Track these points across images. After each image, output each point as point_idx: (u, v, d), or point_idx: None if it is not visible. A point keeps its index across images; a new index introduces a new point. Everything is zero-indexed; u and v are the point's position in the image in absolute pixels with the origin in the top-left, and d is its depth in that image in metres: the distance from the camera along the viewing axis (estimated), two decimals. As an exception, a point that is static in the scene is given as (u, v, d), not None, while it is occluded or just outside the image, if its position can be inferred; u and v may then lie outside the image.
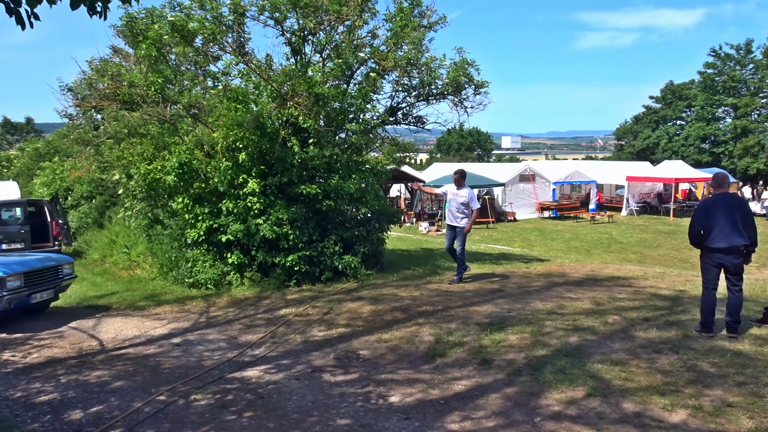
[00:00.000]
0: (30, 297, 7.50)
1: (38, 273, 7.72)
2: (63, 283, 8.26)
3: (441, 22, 10.70)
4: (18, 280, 7.29)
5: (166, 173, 9.11)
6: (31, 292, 7.49)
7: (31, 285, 7.50)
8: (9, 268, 7.25)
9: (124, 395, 4.98)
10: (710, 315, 5.98)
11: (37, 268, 7.73)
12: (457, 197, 9.05)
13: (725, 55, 49.85)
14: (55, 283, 8.05)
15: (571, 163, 40.40)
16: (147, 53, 9.39)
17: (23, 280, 7.37)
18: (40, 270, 7.78)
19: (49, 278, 7.91)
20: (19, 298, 7.28)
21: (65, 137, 19.01)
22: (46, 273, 7.88)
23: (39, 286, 7.65)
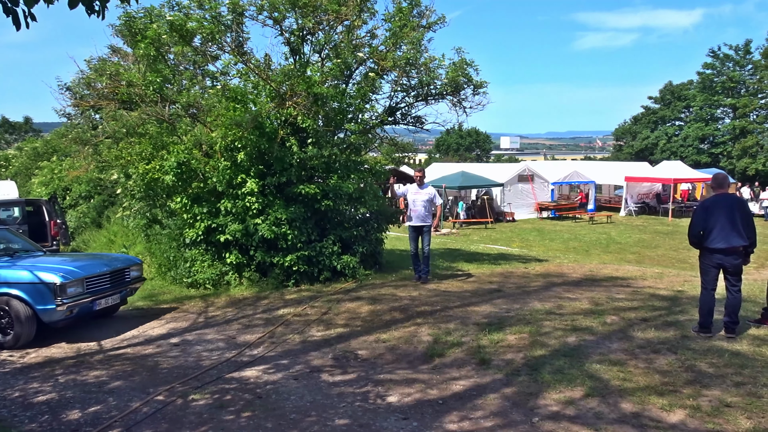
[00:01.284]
0: (93, 303, 6.96)
1: (102, 277, 7.17)
2: (130, 287, 7.84)
3: (440, 22, 10.69)
4: (79, 286, 6.74)
5: (165, 173, 9.09)
6: (95, 298, 6.96)
7: (94, 290, 6.97)
8: (69, 273, 6.72)
9: (122, 395, 4.97)
10: (709, 315, 5.99)
11: (100, 272, 7.16)
12: (421, 196, 9.12)
13: (724, 56, 49.92)
14: (122, 287, 7.57)
15: (570, 164, 40.41)
16: (145, 52, 9.38)
17: (85, 285, 6.83)
18: (104, 274, 7.22)
19: (114, 282, 7.40)
20: (81, 305, 6.73)
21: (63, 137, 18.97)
22: (112, 277, 7.35)
23: (103, 291, 7.12)
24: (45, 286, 6.47)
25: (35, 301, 6.48)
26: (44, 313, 6.53)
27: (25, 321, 6.52)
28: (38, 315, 6.53)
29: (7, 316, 6.57)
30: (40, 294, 6.48)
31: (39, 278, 6.52)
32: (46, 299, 6.47)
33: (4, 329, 6.60)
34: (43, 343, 6.79)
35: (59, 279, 6.51)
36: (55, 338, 6.96)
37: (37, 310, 6.50)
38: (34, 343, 6.75)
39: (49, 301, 6.46)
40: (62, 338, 6.97)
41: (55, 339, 6.93)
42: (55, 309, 6.47)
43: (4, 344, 6.55)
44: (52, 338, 6.94)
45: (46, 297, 6.47)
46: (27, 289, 6.52)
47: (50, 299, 6.46)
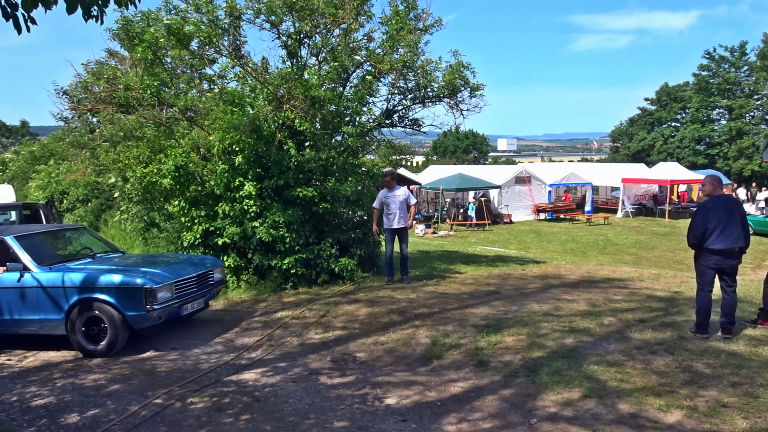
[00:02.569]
0: (181, 309, 6.68)
1: (189, 281, 6.87)
2: (213, 290, 7.55)
3: (436, 25, 10.74)
4: (169, 290, 6.44)
5: (162, 176, 9.11)
6: (182, 303, 6.66)
7: (181, 295, 6.66)
8: (159, 277, 6.41)
9: (120, 399, 4.97)
10: (705, 316, 6.01)
11: (188, 276, 6.85)
12: (396, 198, 9.20)
13: (719, 58, 50.19)
14: (206, 290, 7.25)
15: (567, 165, 40.51)
16: (143, 56, 9.39)
17: (174, 290, 6.54)
18: (192, 278, 6.92)
19: (200, 286, 7.10)
20: (169, 311, 6.44)
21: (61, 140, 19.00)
22: (198, 280, 7.05)
23: (190, 295, 6.81)
24: (135, 290, 6.16)
25: (125, 306, 6.18)
26: (134, 320, 6.23)
27: (118, 328, 6.24)
28: (128, 321, 6.24)
29: (97, 322, 6.30)
30: (131, 299, 6.17)
31: (129, 283, 6.21)
32: (137, 305, 6.16)
33: (95, 336, 6.32)
34: (41, 347, 6.78)
35: (150, 283, 6.20)
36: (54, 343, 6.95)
37: (127, 316, 6.20)
38: (31, 346, 6.75)
39: (140, 306, 6.15)
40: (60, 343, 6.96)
41: (53, 344, 6.92)
42: (145, 315, 6.18)
43: (97, 352, 6.28)
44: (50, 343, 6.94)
45: (136, 302, 6.16)
46: (117, 294, 6.21)
47: (141, 305, 6.15)
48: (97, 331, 6.30)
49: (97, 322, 6.29)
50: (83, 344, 6.32)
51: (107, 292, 6.21)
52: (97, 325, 6.30)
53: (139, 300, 6.15)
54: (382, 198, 9.24)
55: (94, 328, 6.30)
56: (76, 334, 6.31)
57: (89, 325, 6.32)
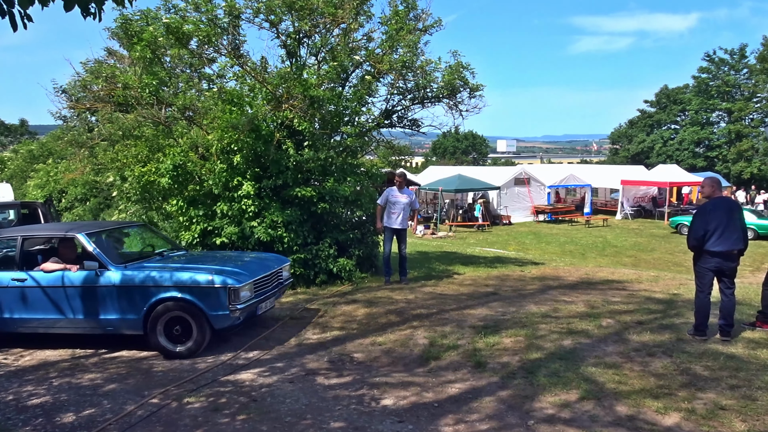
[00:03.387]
0: (257, 308, 6.47)
1: (265, 279, 6.68)
2: (281, 290, 7.29)
3: (436, 26, 10.73)
4: (249, 290, 6.26)
5: (161, 175, 9.08)
6: (259, 302, 6.45)
7: (258, 294, 6.47)
8: (240, 276, 6.21)
9: (116, 398, 4.96)
10: (704, 318, 6.00)
11: (264, 274, 6.66)
12: (403, 198, 9.23)
13: (719, 60, 50.22)
14: (277, 290, 7.02)
15: (567, 167, 40.49)
16: (141, 55, 9.36)
17: (253, 289, 6.37)
18: (267, 276, 6.74)
19: (273, 284, 6.92)
20: (249, 311, 6.24)
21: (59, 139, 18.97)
22: (271, 278, 6.88)
23: (264, 294, 6.61)
24: (219, 290, 5.97)
25: (208, 306, 5.98)
26: (216, 319, 6.03)
27: (202, 328, 6.06)
28: (210, 321, 6.06)
29: (181, 323, 6.11)
30: (214, 299, 5.98)
31: (213, 282, 6.01)
32: (220, 304, 5.97)
33: (179, 337, 6.13)
34: (38, 346, 6.75)
35: (234, 282, 6.02)
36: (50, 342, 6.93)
37: (209, 316, 6.00)
38: (27, 345, 6.73)
39: (223, 306, 5.97)
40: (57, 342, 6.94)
41: (49, 343, 6.89)
42: (228, 314, 5.98)
43: (180, 353, 6.09)
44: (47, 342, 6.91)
45: (220, 302, 5.97)
46: (200, 294, 6.00)
47: (224, 304, 5.97)
48: (180, 331, 6.12)
49: (179, 322, 6.11)
50: (165, 345, 6.12)
51: (190, 292, 6.01)
52: (180, 326, 6.11)
53: (222, 299, 5.97)
54: (388, 196, 9.22)
55: (177, 328, 6.11)
56: (157, 335, 6.11)
57: (171, 325, 6.13)
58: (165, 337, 6.13)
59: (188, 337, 6.11)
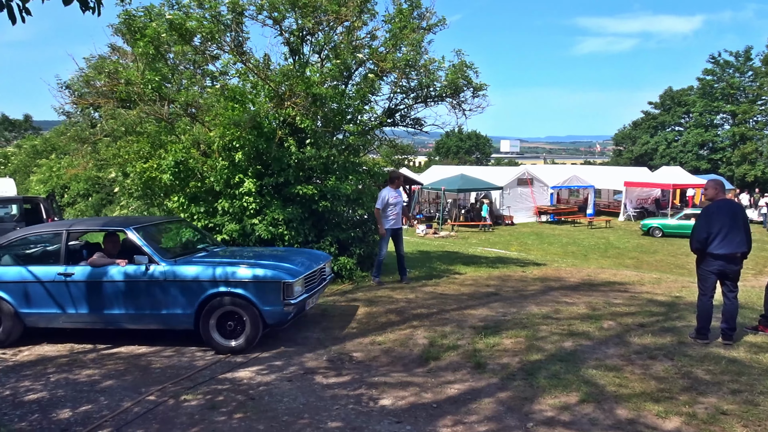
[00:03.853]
0: (306, 304, 6.37)
1: (313, 275, 6.63)
2: (324, 286, 7.18)
3: (440, 24, 10.67)
4: (301, 285, 6.19)
5: (162, 172, 9.06)
6: (308, 298, 6.36)
7: (308, 289, 6.42)
8: (293, 271, 6.17)
9: (113, 395, 4.93)
10: (706, 322, 5.95)
11: (313, 270, 6.61)
12: (399, 199, 9.25)
13: (724, 62, 50.02)
14: (322, 286, 6.95)
15: (570, 168, 40.42)
16: (144, 51, 9.34)
17: (303, 284, 6.30)
18: (315, 272, 6.70)
19: (318, 280, 6.84)
20: (299, 306, 6.16)
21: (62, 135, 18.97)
22: (317, 275, 6.83)
23: (312, 290, 6.53)
24: (274, 284, 5.92)
25: (262, 301, 5.93)
26: (270, 315, 5.99)
27: (256, 323, 6.00)
28: (263, 316, 6.01)
29: (233, 318, 6.06)
30: (268, 294, 5.93)
31: (267, 277, 5.96)
32: (274, 299, 5.93)
33: (232, 332, 6.07)
34: (37, 341, 6.74)
35: (288, 277, 5.97)
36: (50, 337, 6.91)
37: (263, 311, 5.96)
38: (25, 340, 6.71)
39: (277, 301, 5.92)
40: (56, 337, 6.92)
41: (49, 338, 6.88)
42: (281, 310, 5.95)
43: (233, 349, 6.03)
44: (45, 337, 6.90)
45: (274, 297, 5.93)
46: (254, 289, 5.96)
47: (278, 299, 5.92)
48: (234, 326, 6.06)
49: (233, 317, 6.06)
50: (218, 340, 6.07)
51: (243, 287, 5.96)
52: (234, 321, 6.06)
53: (276, 294, 5.92)
54: (388, 198, 9.16)
55: (230, 323, 6.06)
56: (210, 330, 6.06)
57: (223, 320, 6.07)
58: (218, 332, 6.08)
59: (241, 333, 6.05)
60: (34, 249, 7.12)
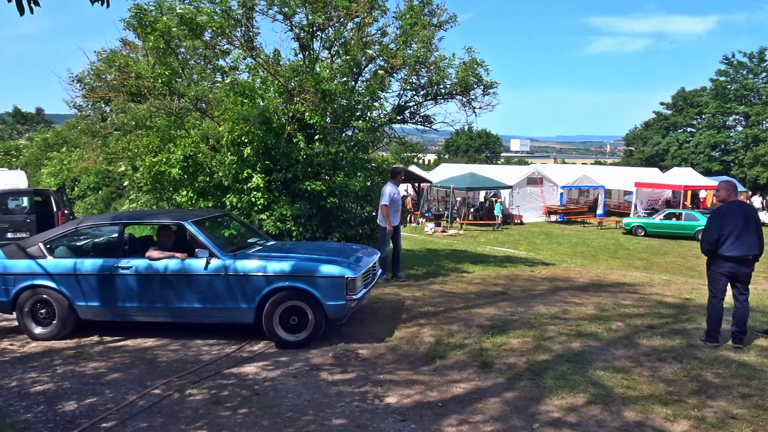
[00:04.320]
0: (362, 299, 6.32)
1: (369, 271, 6.60)
2: (375, 282, 7.10)
3: (451, 21, 10.62)
4: (361, 280, 6.19)
5: (171, 166, 9.07)
6: (365, 293, 6.36)
7: (366, 284, 6.43)
8: (354, 266, 6.19)
9: (119, 388, 4.94)
10: (716, 325, 5.88)
11: (369, 265, 6.59)
12: (399, 195, 9.23)
13: (738, 63, 49.54)
14: (374, 281, 6.90)
15: (580, 168, 40.19)
16: (155, 45, 9.35)
17: (363, 280, 6.27)
18: (371, 268, 6.68)
19: (371, 276, 6.78)
20: (359, 301, 6.17)
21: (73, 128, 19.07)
22: (371, 270, 6.76)
23: (368, 285, 6.52)
24: (337, 280, 5.90)
25: (326, 296, 5.90)
26: (333, 310, 5.97)
27: (317, 318, 6.01)
28: (326, 311, 5.98)
29: (296, 312, 6.05)
30: (332, 289, 5.91)
31: (331, 272, 5.95)
32: (337, 294, 5.90)
33: (295, 327, 6.06)
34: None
35: (351, 273, 5.95)
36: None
37: (326, 306, 5.94)
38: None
39: (340, 296, 5.90)
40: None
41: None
42: (344, 305, 5.94)
43: (295, 343, 6.04)
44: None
45: (337, 292, 5.90)
46: (318, 284, 5.93)
47: (341, 294, 5.90)
48: (297, 321, 6.06)
49: (295, 311, 6.06)
50: (281, 335, 6.06)
51: (307, 282, 5.94)
52: (297, 316, 6.06)
53: (340, 289, 5.91)
54: (393, 195, 9.11)
55: (293, 318, 6.05)
56: (273, 325, 6.04)
57: (287, 314, 6.06)
58: (281, 326, 6.07)
59: (303, 328, 6.06)
60: (87, 241, 7.12)
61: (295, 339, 6.06)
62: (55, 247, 6.58)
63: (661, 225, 25.22)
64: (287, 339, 6.07)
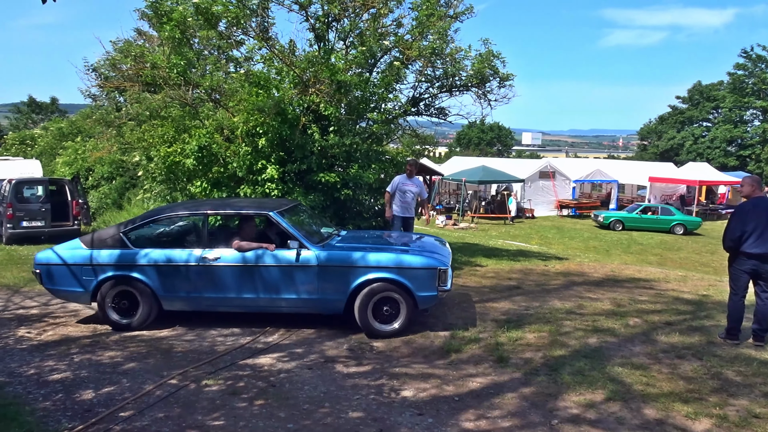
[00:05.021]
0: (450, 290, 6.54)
1: None
2: None
3: (467, 13, 10.48)
4: (449, 271, 6.38)
5: (186, 156, 9.06)
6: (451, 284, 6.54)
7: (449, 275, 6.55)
8: (444, 258, 6.34)
9: (135, 377, 4.95)
10: (737, 322, 5.79)
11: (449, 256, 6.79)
12: (413, 188, 9.00)
13: (756, 57, 48.83)
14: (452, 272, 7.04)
15: (593, 162, 39.87)
16: (170, 35, 9.32)
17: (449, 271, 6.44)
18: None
19: None
20: (447, 292, 6.31)
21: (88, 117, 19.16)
22: None
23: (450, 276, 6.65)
24: (431, 271, 6.05)
25: (417, 287, 6.02)
26: (424, 300, 6.11)
27: (409, 308, 6.10)
28: (417, 301, 6.09)
29: (390, 303, 6.12)
30: (426, 280, 6.04)
31: (426, 264, 6.08)
32: (430, 285, 6.04)
33: (389, 317, 6.12)
34: (60, 321, 6.81)
35: (443, 265, 6.11)
36: (71, 317, 6.98)
37: (417, 296, 6.05)
38: (50, 320, 6.78)
39: (432, 287, 6.05)
40: (78, 317, 6.99)
41: (70, 318, 6.95)
42: (435, 295, 6.09)
43: (386, 332, 6.09)
44: (64, 316, 6.97)
45: (429, 283, 6.04)
46: (413, 275, 6.04)
47: (433, 285, 6.04)
48: (389, 311, 6.12)
49: (387, 302, 6.12)
50: (375, 326, 6.11)
51: (401, 273, 6.03)
52: (389, 306, 6.12)
53: (432, 281, 6.04)
54: (399, 184, 9.02)
55: (387, 309, 6.11)
56: (367, 315, 6.09)
57: (379, 305, 6.12)
58: (374, 316, 6.12)
59: (395, 318, 6.13)
60: (167, 230, 7.11)
61: (388, 329, 6.12)
62: (136, 237, 6.53)
63: (639, 219, 25.48)
64: (380, 329, 6.12)
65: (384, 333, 6.10)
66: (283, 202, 7.41)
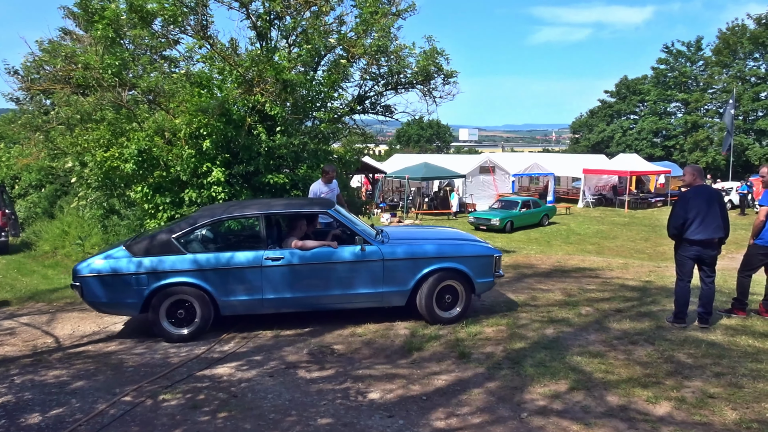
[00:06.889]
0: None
1: None
2: None
3: (410, 10, 10.53)
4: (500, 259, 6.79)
5: (125, 161, 8.66)
6: None
7: None
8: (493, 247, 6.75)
9: (85, 396, 4.66)
10: (684, 306, 6.04)
11: None
12: (333, 192, 8.49)
13: (677, 52, 51.38)
14: None
15: (530, 156, 40.91)
16: (103, 34, 8.89)
17: None
18: None
19: None
20: (500, 277, 6.81)
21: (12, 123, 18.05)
22: None
23: None
24: (489, 259, 6.48)
25: (477, 274, 6.38)
26: (482, 286, 6.49)
27: (468, 295, 6.43)
28: (475, 288, 6.44)
29: (451, 292, 6.41)
30: (483, 267, 6.44)
31: (484, 252, 6.50)
32: (487, 272, 6.47)
33: (450, 305, 6.42)
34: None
35: (497, 252, 6.60)
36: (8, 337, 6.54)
37: (476, 283, 6.41)
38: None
39: (489, 274, 6.48)
40: (12, 336, 6.56)
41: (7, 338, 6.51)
42: (492, 281, 6.54)
43: (448, 319, 6.37)
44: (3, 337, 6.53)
45: (487, 270, 6.47)
46: (472, 264, 6.38)
47: (490, 272, 6.49)
48: (450, 299, 6.42)
49: (449, 291, 6.40)
50: (439, 313, 6.36)
51: (462, 262, 6.34)
52: (450, 294, 6.41)
53: (489, 268, 6.48)
54: (317, 192, 8.24)
55: (448, 297, 6.39)
56: (432, 304, 6.33)
57: (441, 294, 6.37)
58: (437, 304, 6.37)
59: (454, 305, 6.44)
60: (222, 234, 6.93)
61: (449, 315, 6.42)
62: (188, 242, 6.22)
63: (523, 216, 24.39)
64: (443, 316, 6.39)
65: (446, 319, 6.39)
66: (324, 200, 7.36)
